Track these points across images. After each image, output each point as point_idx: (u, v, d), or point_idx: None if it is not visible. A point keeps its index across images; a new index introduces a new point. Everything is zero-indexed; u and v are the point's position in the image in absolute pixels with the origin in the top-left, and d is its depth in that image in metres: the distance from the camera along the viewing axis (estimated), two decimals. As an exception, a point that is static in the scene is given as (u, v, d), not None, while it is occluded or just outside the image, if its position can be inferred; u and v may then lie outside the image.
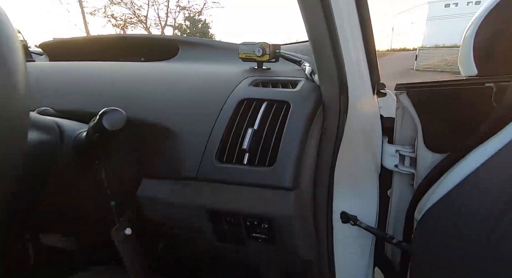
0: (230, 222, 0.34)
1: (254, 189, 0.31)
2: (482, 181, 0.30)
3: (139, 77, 0.45)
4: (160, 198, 0.36)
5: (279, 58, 0.45)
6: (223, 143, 0.32)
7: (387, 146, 0.49)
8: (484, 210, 0.29)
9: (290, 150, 0.30)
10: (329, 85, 0.33)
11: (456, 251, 0.32)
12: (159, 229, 0.40)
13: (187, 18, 16.98)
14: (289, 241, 0.34)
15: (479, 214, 0.29)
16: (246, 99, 0.34)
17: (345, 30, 0.31)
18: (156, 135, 0.35)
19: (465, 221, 0.31)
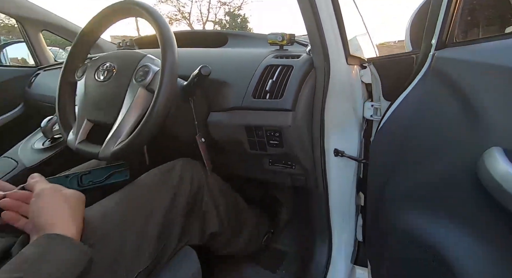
0: (257, 133, 0.61)
1: (271, 112, 0.57)
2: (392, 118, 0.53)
3: (208, 55, 0.75)
4: (219, 121, 0.65)
5: (294, 43, 0.70)
6: (255, 87, 0.59)
7: (367, 103, 0.72)
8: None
9: (291, 91, 0.56)
10: (317, 56, 0.58)
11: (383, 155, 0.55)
12: (217, 142, 0.69)
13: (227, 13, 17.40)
14: (290, 146, 0.60)
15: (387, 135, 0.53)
16: (269, 65, 0.61)
17: (325, 21, 0.55)
18: (219, 85, 0.64)
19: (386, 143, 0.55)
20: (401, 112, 0.55)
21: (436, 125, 0.48)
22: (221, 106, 0.64)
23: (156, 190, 0.53)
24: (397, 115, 0.56)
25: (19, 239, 0.39)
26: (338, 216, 0.79)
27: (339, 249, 0.82)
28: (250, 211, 0.80)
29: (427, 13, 0.50)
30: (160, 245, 0.46)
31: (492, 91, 0.37)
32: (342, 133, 0.72)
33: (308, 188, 0.76)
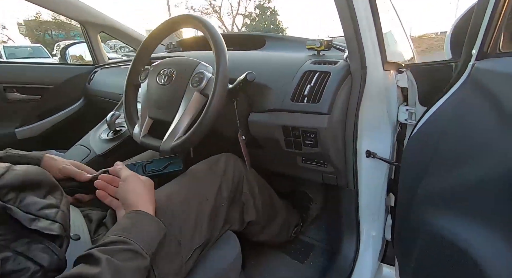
0: (294, 133, 0.67)
1: (308, 114, 0.63)
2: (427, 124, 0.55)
3: (250, 58, 0.81)
4: (259, 121, 0.71)
5: (331, 47, 0.74)
6: (294, 91, 0.65)
7: (402, 107, 0.74)
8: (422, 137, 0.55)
9: (328, 95, 0.61)
10: (354, 63, 0.62)
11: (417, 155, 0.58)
12: (256, 139, 0.76)
13: (257, 6, 17.37)
14: (325, 146, 0.65)
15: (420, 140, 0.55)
16: (308, 71, 0.65)
17: (364, 28, 0.59)
18: (260, 88, 0.70)
19: (420, 147, 0.57)
20: (437, 118, 0.57)
21: (472, 134, 0.50)
22: (261, 107, 0.71)
23: (206, 178, 0.61)
24: (433, 121, 0.57)
25: (108, 212, 0.49)
26: (367, 215, 0.82)
27: (367, 245, 0.85)
28: (282, 204, 0.86)
29: (470, 21, 0.51)
30: (211, 226, 0.55)
31: None
32: (375, 135, 0.74)
33: (338, 186, 0.81)
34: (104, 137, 0.90)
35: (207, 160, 0.68)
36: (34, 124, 1.33)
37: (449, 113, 0.54)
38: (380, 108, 0.71)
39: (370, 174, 0.78)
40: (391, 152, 0.79)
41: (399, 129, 0.78)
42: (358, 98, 0.64)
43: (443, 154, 0.56)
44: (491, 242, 0.46)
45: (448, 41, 0.59)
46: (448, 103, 0.54)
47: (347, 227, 0.86)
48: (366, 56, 0.61)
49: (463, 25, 0.57)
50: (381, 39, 0.60)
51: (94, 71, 1.49)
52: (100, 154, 0.84)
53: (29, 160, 0.54)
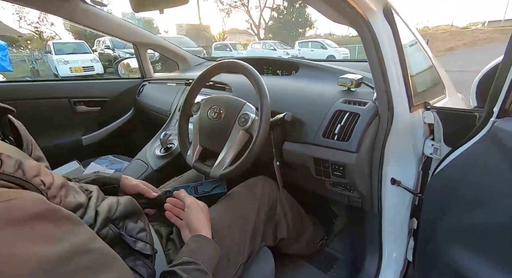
0: (324, 165, 0.75)
1: (338, 150, 0.71)
2: (450, 166, 0.61)
3: (284, 86, 0.91)
4: (293, 150, 0.81)
5: (361, 85, 0.81)
6: (326, 129, 0.73)
7: (428, 141, 0.79)
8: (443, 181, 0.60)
9: (356, 136, 0.68)
10: (382, 106, 0.68)
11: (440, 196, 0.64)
12: (289, 164, 0.86)
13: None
14: (352, 178, 0.73)
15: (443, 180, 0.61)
16: (339, 110, 0.73)
17: (391, 73, 0.65)
18: (295, 121, 0.79)
19: (441, 187, 0.63)
20: (460, 162, 0.62)
21: (490, 182, 0.55)
22: (295, 139, 0.80)
23: (247, 202, 0.73)
24: (456, 164, 0.63)
25: (173, 229, 0.63)
26: (390, 236, 0.89)
27: (388, 265, 0.92)
28: (309, 220, 0.95)
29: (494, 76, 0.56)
30: (251, 244, 0.66)
31: None
32: (400, 165, 0.80)
33: (363, 209, 0.88)
34: (158, 153, 1.06)
35: (246, 183, 0.80)
36: (95, 132, 1.55)
37: (471, 160, 0.59)
38: (406, 142, 0.76)
39: (394, 200, 0.84)
40: (416, 180, 0.84)
41: (425, 159, 0.83)
42: (384, 136, 0.71)
43: (463, 195, 0.61)
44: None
45: (474, 90, 0.63)
46: (471, 150, 0.59)
47: (370, 246, 0.93)
48: (393, 99, 0.67)
49: (491, 75, 0.61)
50: (408, 84, 0.66)
51: (142, 85, 1.67)
52: (155, 169, 1.00)
53: (112, 181, 0.69)
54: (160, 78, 1.60)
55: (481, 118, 0.57)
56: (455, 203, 0.64)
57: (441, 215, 0.67)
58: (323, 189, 0.91)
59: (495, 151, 0.53)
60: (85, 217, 0.41)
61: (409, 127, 0.73)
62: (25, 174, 0.30)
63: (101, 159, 1.38)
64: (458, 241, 0.63)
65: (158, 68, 6.02)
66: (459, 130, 0.65)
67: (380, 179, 0.79)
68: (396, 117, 0.69)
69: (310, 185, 0.98)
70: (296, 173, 0.93)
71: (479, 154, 0.57)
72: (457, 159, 0.63)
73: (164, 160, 1.02)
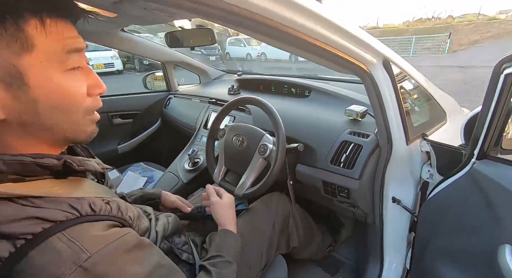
0: (331, 186, 0.88)
1: (343, 176, 0.83)
2: (441, 193, 0.71)
3: (298, 112, 1.03)
4: (304, 172, 0.94)
5: (365, 116, 0.92)
6: (333, 157, 0.85)
7: (425, 166, 0.89)
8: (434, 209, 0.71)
9: (359, 165, 0.80)
10: (382, 139, 0.79)
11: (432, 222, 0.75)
12: (302, 185, 0.99)
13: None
14: (355, 199, 0.85)
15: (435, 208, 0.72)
16: (344, 141, 0.85)
17: (390, 115, 0.76)
18: (307, 148, 0.92)
19: (433, 211, 0.73)
20: (448, 191, 0.73)
21: (470, 213, 0.66)
22: (307, 162, 0.93)
23: (264, 216, 0.87)
24: (445, 192, 0.74)
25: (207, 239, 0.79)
26: (390, 247, 1.00)
27: (388, 272, 1.03)
28: (318, 229, 1.08)
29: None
30: (268, 253, 0.80)
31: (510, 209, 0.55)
32: (400, 187, 0.91)
33: (367, 222, 1.00)
34: (187, 167, 1.22)
35: (263, 198, 0.93)
36: (129, 142, 1.74)
37: (456, 192, 0.70)
38: (404, 169, 0.87)
39: (395, 216, 0.95)
40: (414, 199, 0.95)
41: (423, 182, 0.93)
42: (385, 164, 0.82)
43: (450, 221, 0.72)
44: None
45: (463, 130, 0.73)
46: (456, 183, 0.70)
47: (373, 254, 1.05)
48: (392, 134, 0.78)
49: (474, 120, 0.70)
50: (404, 122, 0.77)
51: (168, 98, 1.84)
52: (185, 182, 1.17)
53: (155, 196, 0.85)
54: (185, 93, 1.75)
55: (466, 156, 0.67)
56: (444, 226, 0.75)
57: (433, 234, 0.79)
58: (331, 204, 1.04)
59: (474, 188, 0.64)
60: (151, 237, 0.56)
61: (406, 156, 0.84)
62: (122, 214, 0.45)
63: (134, 166, 1.57)
64: (446, 259, 0.74)
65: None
66: (449, 162, 0.75)
67: (381, 198, 0.91)
68: (395, 149, 0.80)
69: (319, 200, 1.11)
70: (307, 189, 1.06)
71: (462, 187, 0.68)
72: (446, 188, 0.73)
73: (192, 174, 1.18)
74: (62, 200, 0.36)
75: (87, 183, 0.46)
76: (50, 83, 0.36)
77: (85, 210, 0.37)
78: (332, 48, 0.60)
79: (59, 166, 0.39)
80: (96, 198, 0.41)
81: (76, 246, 0.33)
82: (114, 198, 0.47)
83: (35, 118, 0.37)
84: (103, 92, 0.43)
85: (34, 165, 0.37)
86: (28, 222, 0.32)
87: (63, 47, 0.37)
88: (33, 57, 0.34)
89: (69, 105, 0.39)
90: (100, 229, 0.37)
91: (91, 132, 0.44)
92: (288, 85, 1.29)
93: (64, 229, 0.34)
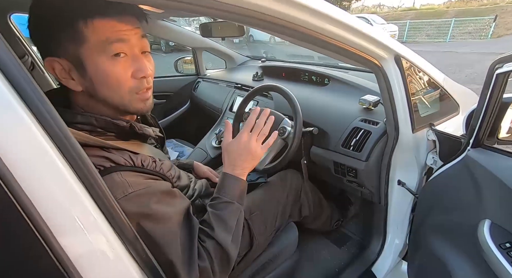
0: (341, 166, 1.00)
1: (352, 158, 0.94)
2: (439, 177, 0.81)
3: (315, 99, 1.14)
4: (318, 153, 1.06)
5: (378, 105, 1.01)
6: (344, 141, 0.96)
7: (430, 154, 0.97)
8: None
9: (367, 148, 0.91)
10: (390, 127, 0.89)
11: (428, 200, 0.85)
12: (315, 165, 1.11)
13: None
14: (361, 179, 0.97)
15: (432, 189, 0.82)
16: (355, 127, 0.96)
17: (399, 105, 0.84)
18: (321, 131, 1.03)
19: (430, 192, 0.83)
20: (445, 175, 0.82)
21: (460, 195, 0.76)
22: (320, 145, 1.05)
23: (279, 188, 1.01)
24: (442, 176, 0.83)
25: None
26: (393, 225, 1.12)
27: (390, 246, 1.16)
28: (327, 204, 1.22)
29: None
30: (281, 218, 0.95)
31: (494, 195, 0.64)
32: (406, 171, 1.01)
33: (373, 202, 1.11)
34: (214, 144, 1.38)
35: (279, 174, 1.07)
36: (162, 120, 1.94)
37: (451, 176, 0.79)
38: (410, 155, 0.96)
39: (399, 197, 1.06)
40: (418, 183, 1.04)
41: (428, 168, 1.02)
42: (391, 150, 0.92)
43: (444, 201, 0.82)
44: (462, 265, 0.74)
45: (465, 121, 0.80)
46: (452, 168, 0.79)
47: (376, 231, 1.17)
48: (399, 123, 0.87)
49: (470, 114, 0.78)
50: (411, 113, 0.86)
51: (197, 81, 2.00)
52: (213, 157, 1.34)
53: (189, 166, 1.02)
54: (212, 78, 1.89)
55: (463, 145, 0.76)
56: (438, 205, 0.85)
57: (428, 213, 0.89)
58: (341, 183, 1.16)
59: (466, 172, 0.73)
60: (188, 193, 0.73)
61: (412, 144, 0.92)
62: (163, 171, 0.59)
63: (167, 142, 1.75)
64: (437, 234, 0.85)
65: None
66: (450, 150, 0.84)
67: (387, 180, 1.01)
68: (401, 136, 0.89)
69: (330, 179, 1.23)
70: (319, 169, 1.18)
71: (457, 172, 0.77)
72: (444, 172, 0.83)
73: (219, 150, 1.35)
74: (126, 152, 0.52)
75: (146, 147, 0.63)
76: (98, 67, 0.48)
77: (137, 162, 0.52)
78: (348, 47, 0.70)
79: (126, 126, 0.54)
80: (147, 156, 0.56)
81: (126, 182, 0.47)
82: (162, 159, 0.62)
83: (95, 92, 0.51)
84: (145, 76, 0.52)
85: (111, 123, 0.53)
86: (103, 160, 0.48)
87: (107, 39, 0.47)
88: (86, 48, 0.47)
89: (113, 84, 0.50)
90: (143, 178, 0.52)
91: (141, 108, 0.55)
92: (309, 73, 1.38)
93: (122, 170, 0.48)
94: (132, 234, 0.39)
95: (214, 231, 0.58)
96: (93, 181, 0.34)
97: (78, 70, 0.49)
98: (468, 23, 11.31)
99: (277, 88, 1.01)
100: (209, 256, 0.55)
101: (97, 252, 0.35)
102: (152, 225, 0.49)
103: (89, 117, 0.51)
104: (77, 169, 0.33)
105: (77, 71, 0.50)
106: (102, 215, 0.35)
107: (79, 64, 0.49)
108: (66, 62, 0.49)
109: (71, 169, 0.32)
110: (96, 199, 0.34)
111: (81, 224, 0.33)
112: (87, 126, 0.51)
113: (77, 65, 0.49)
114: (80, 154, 0.33)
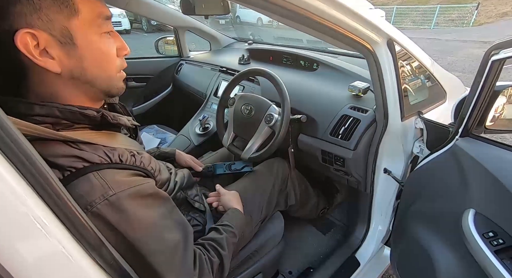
0: (328, 155, 0.97)
1: (340, 146, 0.92)
2: (425, 166, 0.80)
3: (303, 85, 1.10)
4: (305, 141, 1.03)
5: (367, 92, 0.97)
6: (332, 129, 0.93)
7: (417, 142, 0.97)
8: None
9: (355, 137, 0.88)
10: (379, 114, 0.86)
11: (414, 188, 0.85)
12: (302, 152, 1.09)
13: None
14: (349, 167, 0.95)
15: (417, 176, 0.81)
16: (344, 114, 0.93)
17: (389, 92, 0.82)
18: (309, 118, 1.00)
19: (417, 180, 0.83)
20: (431, 164, 0.81)
21: (446, 184, 0.75)
22: (307, 133, 1.02)
23: (265, 177, 0.98)
24: (429, 165, 0.82)
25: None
26: (378, 212, 1.13)
27: (374, 232, 1.18)
28: (313, 193, 1.21)
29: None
30: (267, 208, 0.93)
31: (480, 185, 0.64)
32: (392, 159, 1.00)
33: (359, 189, 1.11)
34: (197, 131, 1.32)
35: (265, 162, 1.04)
36: (142, 105, 1.84)
37: (438, 165, 0.78)
38: (397, 143, 0.95)
39: (385, 185, 1.06)
40: (404, 171, 1.04)
41: (414, 156, 1.02)
42: (379, 138, 0.90)
43: (428, 190, 0.82)
44: (444, 252, 0.75)
45: (453, 110, 0.79)
46: (439, 157, 0.78)
47: (361, 218, 1.18)
48: (388, 110, 0.85)
49: (463, 101, 0.76)
50: (401, 100, 0.83)
51: (180, 63, 1.89)
52: (196, 144, 1.28)
53: (170, 155, 0.97)
54: (196, 60, 1.79)
55: (451, 134, 0.75)
56: (423, 193, 0.86)
57: (414, 201, 0.89)
58: (328, 172, 1.14)
59: (453, 161, 0.72)
60: (170, 186, 0.68)
61: (400, 132, 0.91)
62: (144, 165, 0.54)
63: (148, 127, 1.68)
64: (420, 221, 0.86)
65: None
66: (438, 139, 0.83)
67: (374, 169, 1.00)
68: (390, 124, 0.87)
69: (317, 168, 1.21)
70: (307, 157, 1.16)
71: (444, 161, 0.76)
72: (431, 161, 0.82)
73: (203, 138, 1.29)
74: (99, 147, 0.45)
75: (121, 137, 0.56)
76: (92, 43, 0.44)
77: (114, 159, 0.46)
78: (340, 28, 0.64)
79: (97, 117, 0.48)
80: (125, 150, 0.50)
81: (105, 184, 0.42)
82: (140, 151, 0.56)
83: (81, 73, 0.45)
84: (127, 54, 0.52)
85: (79, 114, 0.45)
86: (74, 159, 0.41)
87: (99, 14, 0.44)
88: (79, 20, 0.42)
89: (106, 62, 0.47)
90: (124, 176, 0.46)
91: (121, 88, 0.53)
92: (297, 57, 1.32)
93: (98, 170, 0.42)
94: (98, 241, 0.34)
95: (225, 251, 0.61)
96: (43, 180, 0.28)
97: (64, 46, 0.42)
98: (452, 10, 11.43)
99: (264, 72, 0.95)
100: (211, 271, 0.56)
101: (51, 259, 0.30)
102: (136, 232, 0.44)
103: (50, 108, 0.43)
104: (21, 167, 0.27)
105: (62, 48, 0.42)
106: (56, 219, 0.30)
107: (66, 40, 0.42)
108: (46, 36, 0.41)
109: (12, 166, 0.27)
110: (46, 199, 0.29)
111: (30, 231, 0.28)
112: (49, 119, 0.43)
113: (63, 40, 0.42)
114: (25, 149, 0.27)
